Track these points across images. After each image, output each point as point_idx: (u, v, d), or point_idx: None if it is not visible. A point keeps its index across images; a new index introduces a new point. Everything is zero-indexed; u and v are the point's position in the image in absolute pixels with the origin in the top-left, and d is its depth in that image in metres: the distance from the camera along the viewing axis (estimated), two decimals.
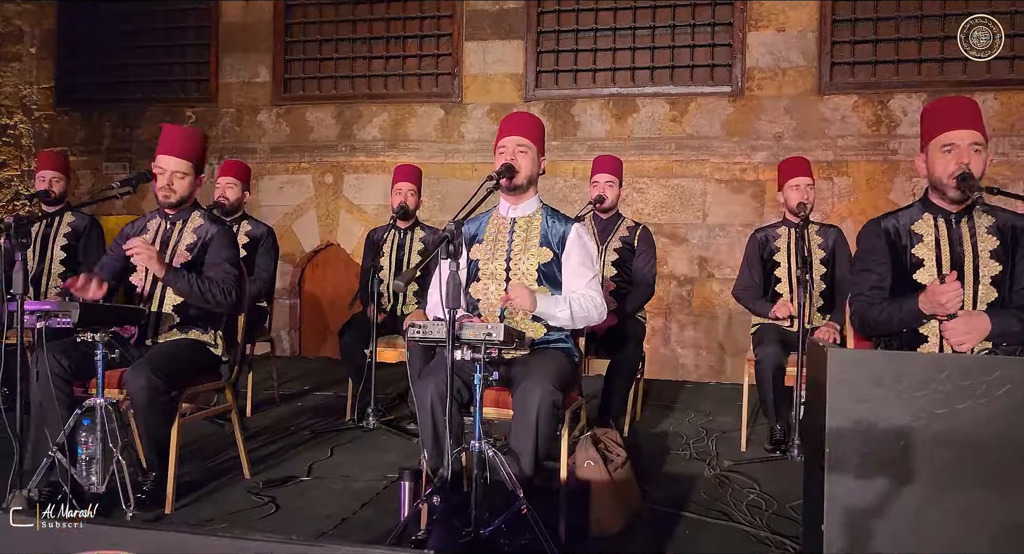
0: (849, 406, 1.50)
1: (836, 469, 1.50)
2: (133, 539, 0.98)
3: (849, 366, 1.51)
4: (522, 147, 2.80)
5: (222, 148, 6.94)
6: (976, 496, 1.43)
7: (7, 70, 7.02)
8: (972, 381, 1.44)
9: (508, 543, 2.27)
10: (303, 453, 3.63)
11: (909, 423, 1.46)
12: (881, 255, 2.55)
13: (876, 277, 2.54)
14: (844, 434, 1.50)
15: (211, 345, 3.01)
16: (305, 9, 6.87)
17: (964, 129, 2.40)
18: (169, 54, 7.06)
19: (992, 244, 2.47)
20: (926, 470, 1.46)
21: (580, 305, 2.73)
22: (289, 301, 7.03)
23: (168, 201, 3.01)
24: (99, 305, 2.63)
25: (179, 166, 3.00)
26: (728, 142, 6.18)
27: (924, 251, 2.51)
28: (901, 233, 2.55)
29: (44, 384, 2.58)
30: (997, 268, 2.44)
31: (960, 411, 1.43)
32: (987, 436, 1.42)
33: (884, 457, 1.47)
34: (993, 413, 1.42)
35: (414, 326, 2.24)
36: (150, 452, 2.74)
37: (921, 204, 2.60)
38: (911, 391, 1.47)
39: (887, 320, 2.44)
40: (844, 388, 1.50)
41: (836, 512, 1.50)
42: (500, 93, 6.57)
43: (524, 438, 2.42)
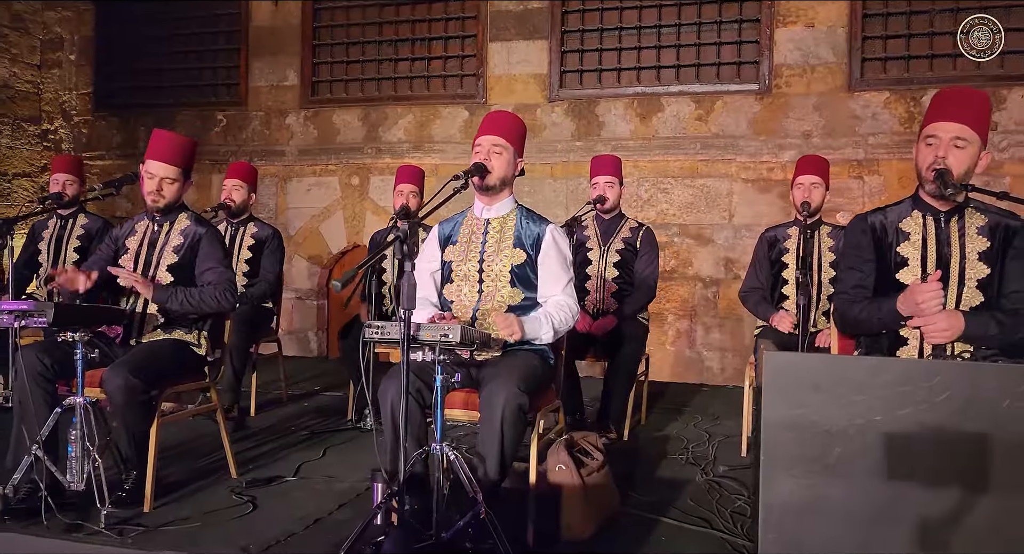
0: (785, 411, 1.42)
1: (770, 474, 1.42)
2: None
3: (786, 370, 1.43)
4: (497, 147, 2.75)
5: (251, 151, 7.04)
6: (914, 502, 1.34)
7: (48, 77, 7.23)
8: (912, 386, 1.34)
9: (472, 547, 2.22)
10: (295, 453, 3.64)
11: (845, 429, 1.38)
12: (865, 252, 2.47)
13: (859, 275, 2.46)
14: (779, 439, 1.42)
15: (194, 345, 3.02)
16: (332, 12, 6.94)
17: (949, 122, 2.30)
18: (201, 59, 7.20)
19: (981, 245, 2.36)
20: (862, 476, 1.37)
21: (560, 319, 2.70)
22: (316, 302, 7.09)
23: (156, 205, 3.05)
24: (76, 305, 2.66)
25: (168, 172, 3.04)
26: (755, 141, 6.04)
27: (909, 250, 2.42)
28: (888, 230, 2.46)
29: (23, 383, 2.61)
30: (984, 271, 2.33)
31: (900, 417, 1.35)
32: (926, 442, 1.34)
33: (820, 463, 1.39)
34: (933, 419, 1.33)
35: (371, 326, 2.20)
36: (129, 451, 2.77)
37: (911, 201, 2.49)
38: (850, 396, 1.38)
39: (866, 320, 2.36)
40: (780, 393, 1.42)
41: (772, 517, 1.42)
42: (524, 94, 6.53)
43: (490, 441, 2.37)
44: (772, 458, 1.43)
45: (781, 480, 1.42)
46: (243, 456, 3.52)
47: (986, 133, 2.36)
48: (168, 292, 2.93)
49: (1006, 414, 1.29)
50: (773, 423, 1.43)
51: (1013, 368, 1.38)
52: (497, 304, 2.75)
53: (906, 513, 1.34)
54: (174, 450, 3.61)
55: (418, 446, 2.40)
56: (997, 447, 1.30)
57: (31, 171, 6.99)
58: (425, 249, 2.91)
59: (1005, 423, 1.29)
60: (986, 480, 1.30)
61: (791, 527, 1.41)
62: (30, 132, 7.06)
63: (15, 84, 6.90)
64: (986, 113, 2.37)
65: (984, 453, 1.30)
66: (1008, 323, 2.20)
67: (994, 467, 1.30)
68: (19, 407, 2.68)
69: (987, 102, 2.39)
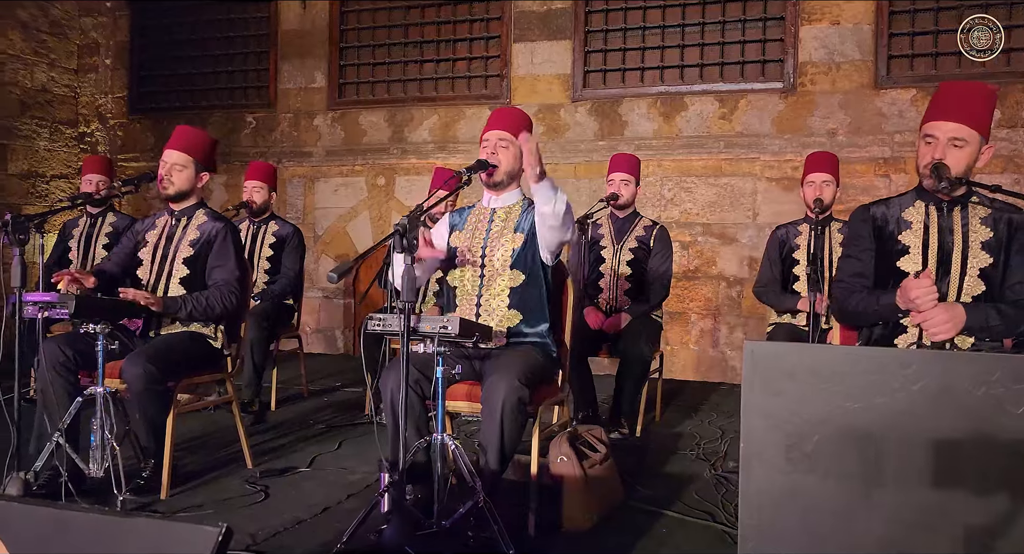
0: (764, 400, 1.43)
1: (750, 462, 1.44)
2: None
3: (764, 360, 1.44)
4: (504, 142, 2.79)
5: (280, 152, 7.16)
6: (890, 487, 1.35)
7: (84, 81, 7.42)
8: (888, 375, 1.35)
9: (473, 536, 2.26)
10: (311, 446, 3.71)
11: (823, 417, 1.39)
12: (865, 241, 2.47)
13: (858, 264, 2.47)
14: (759, 427, 1.44)
15: (211, 338, 3.11)
16: (358, 15, 7.03)
17: (947, 121, 2.30)
18: (231, 63, 7.34)
19: (984, 235, 2.35)
20: (839, 463, 1.38)
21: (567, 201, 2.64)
22: (344, 301, 7.18)
23: (166, 192, 3.15)
24: (96, 298, 2.75)
25: (178, 159, 3.15)
26: (779, 139, 6.00)
27: (911, 238, 2.42)
28: (889, 220, 2.46)
29: (44, 372, 2.71)
30: (987, 260, 2.32)
31: (876, 405, 1.35)
32: (902, 429, 1.34)
33: (798, 451, 1.40)
34: (908, 407, 1.33)
35: (372, 318, 2.25)
36: (147, 440, 2.85)
37: (915, 192, 2.50)
38: (826, 385, 1.39)
39: (863, 311, 2.37)
40: (759, 382, 1.44)
41: (751, 504, 1.44)
42: (548, 94, 6.55)
43: (491, 433, 2.41)
44: (751, 446, 1.45)
45: (760, 467, 1.43)
46: (260, 448, 3.60)
47: (987, 128, 2.35)
48: (177, 304, 3.02)
49: (979, 401, 1.29)
50: (753, 412, 1.45)
51: (984, 357, 1.38)
52: (498, 288, 2.79)
53: (883, 499, 1.35)
54: (192, 441, 3.71)
55: (419, 436, 2.44)
56: (971, 433, 1.30)
57: (68, 173, 7.18)
58: (435, 232, 2.97)
59: (979, 410, 1.30)
60: (959, 465, 1.31)
61: (769, 513, 1.42)
62: (67, 135, 7.26)
63: (53, 88, 7.10)
64: (988, 108, 2.36)
65: (958, 439, 1.30)
66: (1011, 314, 2.19)
67: (966, 453, 1.30)
68: (42, 396, 2.78)
69: (990, 97, 2.38)
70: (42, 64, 6.97)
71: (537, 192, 2.56)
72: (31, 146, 6.85)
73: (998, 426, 1.28)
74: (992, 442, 1.29)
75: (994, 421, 1.29)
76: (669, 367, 6.14)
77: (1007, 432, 1.28)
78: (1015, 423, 1.27)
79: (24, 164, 6.79)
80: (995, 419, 1.29)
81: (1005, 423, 1.28)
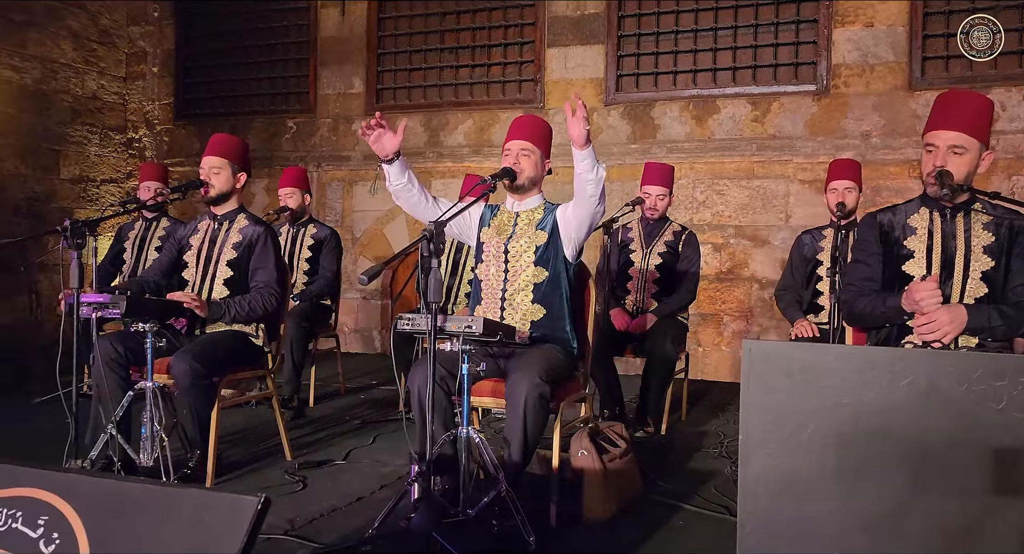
0: (761, 395, 1.52)
1: (749, 452, 1.53)
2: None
3: (762, 357, 1.53)
4: (526, 151, 2.91)
5: (319, 156, 7.35)
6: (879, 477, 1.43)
7: (132, 88, 7.70)
8: (877, 372, 1.43)
9: (497, 525, 2.38)
10: (347, 440, 3.87)
11: (816, 410, 1.47)
12: (873, 246, 2.57)
13: (867, 269, 2.56)
14: (757, 420, 1.53)
15: (252, 336, 3.28)
16: (396, 22, 7.18)
17: (946, 130, 2.38)
18: (273, 69, 7.55)
19: (986, 239, 2.43)
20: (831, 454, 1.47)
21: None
22: (381, 302, 7.34)
23: (209, 195, 3.32)
24: (146, 299, 2.94)
25: (215, 162, 3.36)
26: (812, 142, 6.02)
27: (916, 243, 2.51)
28: (895, 226, 2.56)
29: (99, 368, 2.89)
30: (989, 263, 2.40)
31: (866, 400, 1.44)
32: (891, 422, 1.42)
33: (793, 441, 1.49)
34: (896, 401, 1.41)
35: (402, 318, 2.38)
36: (193, 431, 3.02)
37: (920, 199, 2.58)
38: (819, 381, 1.48)
39: (870, 314, 2.46)
40: (758, 378, 1.53)
41: (749, 491, 1.53)
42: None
43: (514, 428, 2.53)
44: (750, 437, 1.53)
45: (758, 457, 1.52)
46: (299, 442, 3.76)
47: (986, 136, 2.43)
48: (221, 310, 3.20)
49: (963, 397, 1.37)
50: (751, 405, 1.54)
51: (968, 355, 1.45)
52: (522, 284, 2.90)
53: (871, 486, 1.43)
54: (236, 435, 3.89)
55: (446, 430, 2.57)
56: (955, 426, 1.38)
57: (117, 177, 7.46)
58: (470, 211, 3.05)
59: (962, 405, 1.37)
60: (943, 457, 1.39)
61: (765, 500, 1.51)
62: (116, 141, 7.53)
63: (103, 96, 7.38)
64: (985, 117, 2.44)
65: (942, 433, 1.39)
66: (1012, 315, 2.27)
67: (951, 444, 1.38)
68: (97, 390, 2.97)
69: (987, 106, 2.46)
70: (92, 72, 7.25)
71: (582, 157, 2.64)
72: (82, 152, 7.13)
73: (979, 421, 1.36)
74: (973, 435, 1.37)
75: (976, 416, 1.36)
76: (701, 368, 6.19)
77: (988, 426, 1.35)
78: (996, 418, 1.35)
79: (76, 169, 7.07)
80: (977, 414, 1.36)
81: (986, 418, 1.36)
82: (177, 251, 3.41)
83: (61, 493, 1.18)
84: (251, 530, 1.03)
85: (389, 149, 2.75)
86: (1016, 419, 1.35)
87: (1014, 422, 1.35)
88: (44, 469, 1.23)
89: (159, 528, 1.09)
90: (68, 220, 2.65)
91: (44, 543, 1.14)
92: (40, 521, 1.16)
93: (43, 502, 1.18)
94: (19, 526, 1.17)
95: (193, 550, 1.05)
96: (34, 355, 6.03)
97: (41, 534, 1.15)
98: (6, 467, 1.26)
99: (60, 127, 6.89)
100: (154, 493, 1.13)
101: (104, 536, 1.11)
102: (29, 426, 4.05)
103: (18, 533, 1.16)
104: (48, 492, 1.19)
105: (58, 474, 1.23)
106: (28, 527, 1.16)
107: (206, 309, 3.15)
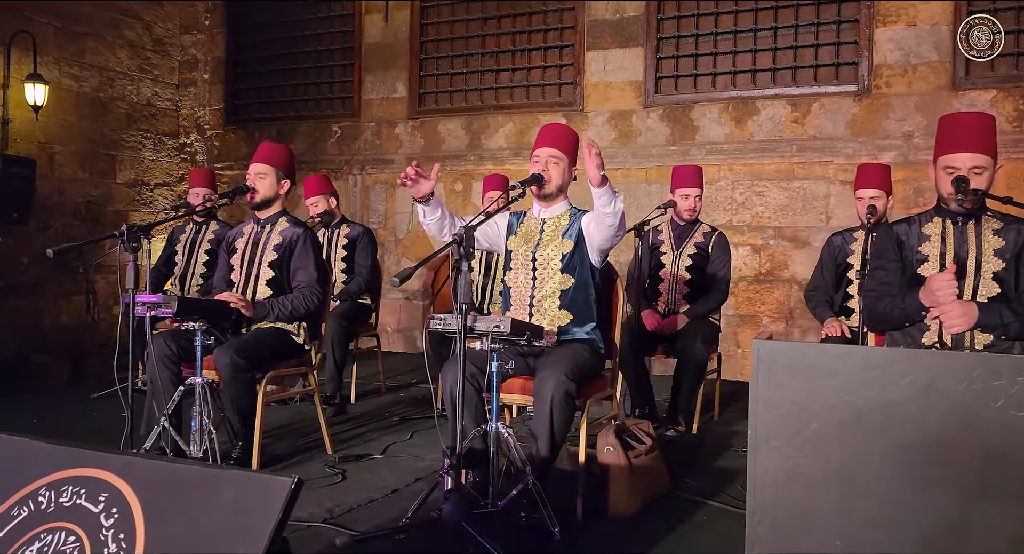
0: (769, 392, 1.59)
1: (756, 448, 1.60)
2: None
3: (769, 357, 1.60)
4: (554, 158, 3.00)
5: (363, 160, 7.52)
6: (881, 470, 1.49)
7: (185, 95, 7.97)
8: (879, 372, 1.49)
9: (525, 516, 2.48)
10: (386, 435, 4.01)
11: (820, 408, 1.54)
12: (890, 253, 2.69)
13: (885, 274, 2.68)
14: (765, 417, 1.60)
15: (294, 334, 3.43)
16: (437, 27, 7.32)
17: (966, 152, 2.49)
18: (319, 75, 7.75)
19: (997, 243, 2.54)
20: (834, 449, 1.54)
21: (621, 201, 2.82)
22: (423, 302, 7.48)
23: (254, 200, 3.48)
24: (194, 300, 3.11)
25: (260, 169, 3.53)
26: (853, 142, 5.99)
27: (930, 249, 2.62)
28: (911, 234, 2.68)
29: (153, 364, 3.07)
30: (1000, 264, 2.51)
31: (868, 398, 1.50)
32: (891, 419, 1.48)
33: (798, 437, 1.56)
34: (897, 399, 1.47)
35: (434, 318, 2.49)
36: (238, 424, 3.18)
37: (934, 210, 2.71)
38: (823, 379, 1.54)
39: (890, 313, 2.58)
40: (765, 376, 1.60)
41: (757, 485, 1.61)
42: (620, 100, 6.69)
43: (541, 423, 2.63)
44: (758, 433, 1.61)
45: (765, 452, 1.59)
46: (339, 437, 3.91)
47: (996, 152, 2.56)
48: (266, 309, 3.37)
49: (962, 396, 1.43)
50: (759, 403, 1.61)
51: (966, 356, 1.51)
52: (550, 290, 2.99)
53: (873, 479, 1.49)
54: (280, 429, 4.06)
55: (476, 426, 2.67)
56: (952, 423, 1.44)
57: (170, 181, 7.73)
58: (491, 221, 3.10)
59: (962, 403, 1.43)
60: (943, 451, 1.45)
61: (772, 493, 1.58)
62: (169, 146, 7.81)
63: (157, 102, 7.66)
64: (994, 134, 2.56)
65: (941, 428, 1.45)
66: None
67: (948, 440, 1.44)
68: (151, 385, 3.14)
69: (993, 123, 2.59)
70: (147, 80, 7.53)
71: (599, 195, 2.75)
72: (137, 156, 7.41)
73: (978, 418, 1.42)
74: (971, 432, 1.42)
75: (974, 413, 1.42)
76: (740, 368, 6.20)
77: (985, 423, 1.41)
78: (993, 415, 1.40)
79: (131, 173, 7.35)
80: (975, 412, 1.42)
81: (984, 415, 1.41)
82: (227, 255, 3.58)
83: (120, 473, 1.31)
84: (285, 507, 1.14)
85: (425, 191, 2.88)
86: (1014, 417, 1.40)
87: (1012, 419, 1.41)
88: (105, 451, 1.36)
89: (205, 505, 1.21)
90: (124, 224, 2.81)
91: (104, 517, 1.27)
92: (101, 497, 1.30)
93: (104, 481, 1.31)
94: (83, 502, 1.30)
95: (235, 524, 1.17)
96: (91, 353, 6.32)
97: (101, 509, 1.28)
98: (73, 450, 1.40)
99: (116, 133, 7.17)
100: (201, 474, 1.26)
101: (157, 512, 1.24)
102: (88, 419, 4.27)
103: (82, 508, 1.30)
104: (108, 472, 1.32)
105: (117, 456, 1.37)
106: (90, 503, 1.30)
107: (251, 309, 3.30)
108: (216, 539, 1.16)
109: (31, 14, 6.25)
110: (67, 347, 6.11)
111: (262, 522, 1.14)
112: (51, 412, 4.49)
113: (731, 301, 6.35)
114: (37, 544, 1.28)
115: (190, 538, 1.17)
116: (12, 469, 1.38)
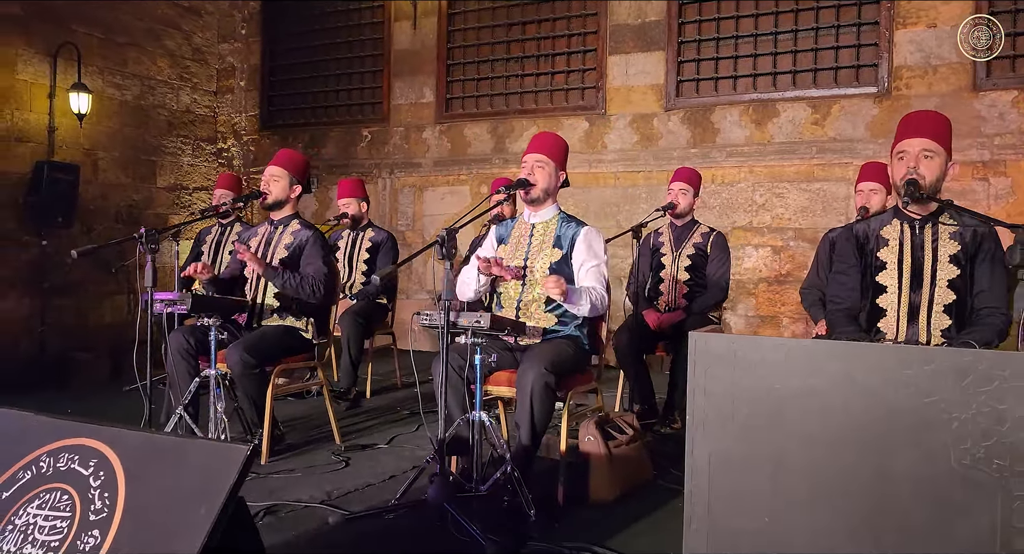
0: (703, 380, 1.71)
1: (693, 433, 1.72)
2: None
3: (704, 348, 1.72)
4: (540, 163, 3.15)
5: (392, 164, 7.72)
6: (805, 451, 1.59)
7: (222, 101, 8.27)
8: (803, 362, 1.59)
9: (507, 500, 2.62)
10: (394, 428, 4.19)
11: (749, 395, 1.66)
12: (850, 258, 2.76)
13: (847, 279, 2.75)
14: (700, 403, 1.71)
15: (302, 330, 3.62)
16: (464, 34, 7.50)
17: (916, 137, 2.56)
18: (350, 81, 7.98)
19: (952, 249, 2.59)
20: (763, 432, 1.65)
21: (596, 297, 3.03)
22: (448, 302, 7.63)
23: (266, 202, 3.67)
24: (209, 297, 3.32)
25: (275, 171, 3.74)
26: (873, 144, 6.01)
27: (888, 255, 2.68)
28: (870, 237, 2.74)
29: (171, 357, 3.28)
30: (955, 272, 2.56)
31: (793, 385, 1.61)
32: (815, 404, 1.58)
33: (731, 422, 1.67)
34: (818, 389, 1.58)
35: (420, 314, 2.65)
36: (251, 414, 3.37)
37: (893, 211, 2.76)
38: (752, 369, 1.66)
39: (839, 336, 2.66)
40: (700, 366, 1.71)
41: (694, 467, 1.73)
42: (642, 103, 6.79)
43: (522, 413, 2.78)
44: (695, 419, 1.73)
45: (701, 437, 1.71)
46: (350, 429, 4.12)
47: (950, 147, 2.62)
48: (276, 272, 3.53)
49: (877, 384, 1.53)
50: (696, 391, 1.73)
51: (881, 347, 1.60)
52: (537, 295, 3.13)
53: (798, 460, 1.60)
54: (293, 422, 4.26)
55: (462, 415, 2.82)
56: (868, 408, 1.54)
57: (208, 185, 8.03)
58: (484, 243, 3.34)
59: (877, 392, 1.53)
60: (860, 434, 1.55)
61: (707, 475, 1.70)
62: (207, 151, 8.11)
63: (195, 109, 7.96)
64: (948, 130, 2.64)
65: (858, 413, 1.55)
66: (979, 337, 2.44)
67: (865, 424, 1.54)
68: (169, 377, 3.35)
69: (947, 122, 2.67)
70: (186, 88, 7.84)
71: (568, 307, 3.03)
72: (176, 162, 7.72)
73: (893, 405, 1.52)
74: (886, 417, 1.53)
75: (889, 400, 1.53)
76: None
77: (900, 409, 1.52)
78: (905, 402, 1.51)
79: (171, 178, 7.66)
80: (887, 399, 1.53)
81: (898, 402, 1.52)
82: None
83: (108, 442, 1.50)
84: (241, 470, 1.31)
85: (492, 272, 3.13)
86: (922, 403, 1.51)
87: (920, 406, 1.51)
88: (96, 424, 1.54)
89: (177, 468, 1.39)
90: (144, 228, 3.03)
91: (93, 479, 1.46)
92: (91, 462, 1.48)
93: (94, 449, 1.50)
94: (76, 466, 1.49)
95: (200, 484, 1.34)
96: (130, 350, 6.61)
97: (91, 472, 1.47)
98: (70, 423, 1.59)
99: (156, 139, 7.48)
100: (174, 442, 1.43)
101: (136, 474, 1.42)
102: (119, 410, 4.53)
103: (75, 472, 1.49)
104: (98, 441, 1.51)
105: (107, 428, 1.55)
106: (82, 467, 1.49)
107: (263, 266, 3.46)
108: (184, 497, 1.33)
109: (76, 26, 6.57)
110: (108, 344, 6.40)
111: (223, 483, 1.31)
112: (84, 404, 4.76)
113: (751, 302, 6.42)
114: (37, 502, 1.47)
115: (162, 495, 1.35)
116: (19, 438, 1.58)
